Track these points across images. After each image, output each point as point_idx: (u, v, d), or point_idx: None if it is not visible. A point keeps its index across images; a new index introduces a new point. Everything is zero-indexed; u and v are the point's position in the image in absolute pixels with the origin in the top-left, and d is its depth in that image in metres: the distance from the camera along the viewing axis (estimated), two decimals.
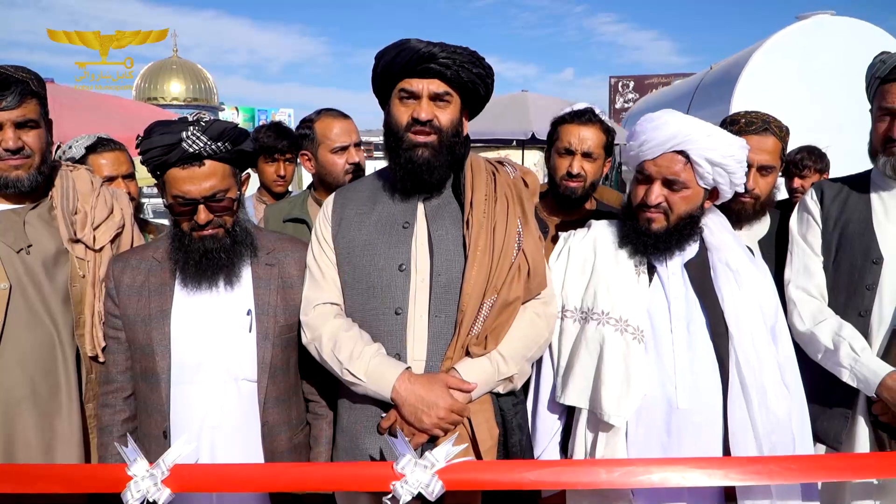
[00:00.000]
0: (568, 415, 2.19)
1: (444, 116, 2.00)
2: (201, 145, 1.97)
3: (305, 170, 3.07)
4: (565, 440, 2.20)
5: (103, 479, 1.94)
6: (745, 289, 2.05)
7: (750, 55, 8.44)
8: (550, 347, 2.17)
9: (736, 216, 2.52)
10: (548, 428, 2.19)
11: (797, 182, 4.02)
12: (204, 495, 2.04)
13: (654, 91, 17.50)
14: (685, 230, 2.08)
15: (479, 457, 1.92)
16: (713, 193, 2.13)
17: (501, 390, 1.99)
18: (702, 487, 1.97)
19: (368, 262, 2.02)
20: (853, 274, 2.30)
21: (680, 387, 1.99)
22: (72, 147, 3.02)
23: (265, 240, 2.20)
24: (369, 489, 1.87)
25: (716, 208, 2.22)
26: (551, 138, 2.78)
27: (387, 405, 1.94)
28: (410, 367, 1.93)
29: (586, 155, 2.65)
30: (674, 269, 2.10)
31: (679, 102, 9.85)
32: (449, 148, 2.01)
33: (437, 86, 1.98)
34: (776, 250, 2.58)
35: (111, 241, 2.30)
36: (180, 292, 2.09)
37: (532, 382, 2.20)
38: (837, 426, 2.29)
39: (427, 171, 1.99)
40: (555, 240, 2.40)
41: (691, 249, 2.12)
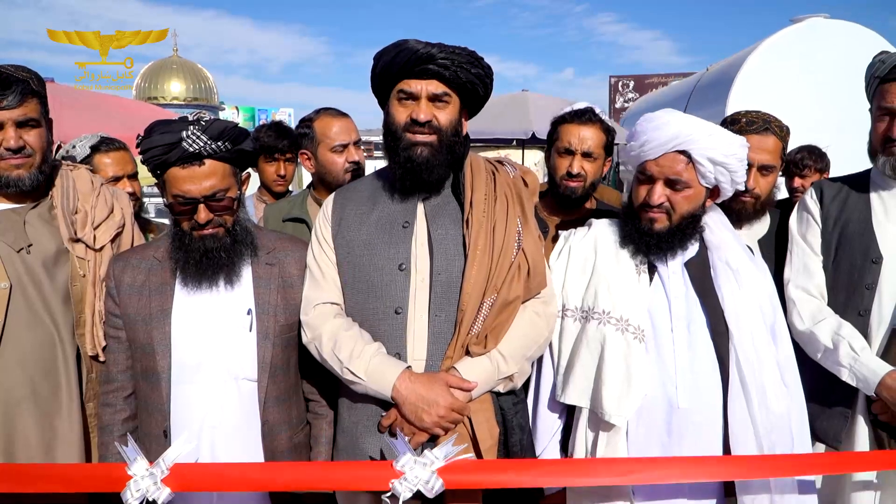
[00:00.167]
0: (568, 414, 2.19)
1: (443, 117, 2.00)
2: (201, 144, 1.97)
3: (305, 169, 3.06)
4: (566, 439, 2.20)
5: (103, 479, 1.95)
6: (745, 288, 2.05)
7: (745, 57, 8.50)
8: (551, 347, 2.17)
9: (736, 215, 2.53)
10: (548, 427, 2.19)
11: (797, 181, 4.02)
12: (204, 494, 2.04)
13: (652, 92, 17.52)
14: (687, 229, 2.08)
15: (480, 456, 1.92)
16: (714, 192, 2.13)
17: (502, 389, 1.99)
18: (701, 484, 1.98)
19: (368, 262, 2.02)
20: (853, 273, 2.30)
21: (680, 386, 1.99)
22: (76, 147, 3.02)
23: (265, 239, 2.20)
24: (369, 488, 1.87)
25: (716, 206, 2.22)
26: (551, 138, 2.78)
27: (387, 404, 1.94)
28: (411, 367, 1.93)
29: (586, 155, 2.65)
30: (674, 269, 2.10)
31: (676, 103, 9.86)
32: (448, 148, 2.01)
33: (436, 86, 1.98)
34: (776, 250, 2.58)
35: (111, 241, 2.30)
36: (181, 291, 2.09)
37: (532, 382, 2.20)
38: (837, 425, 2.29)
39: (426, 170, 1.99)
40: (555, 239, 2.39)
41: (692, 248, 2.13)
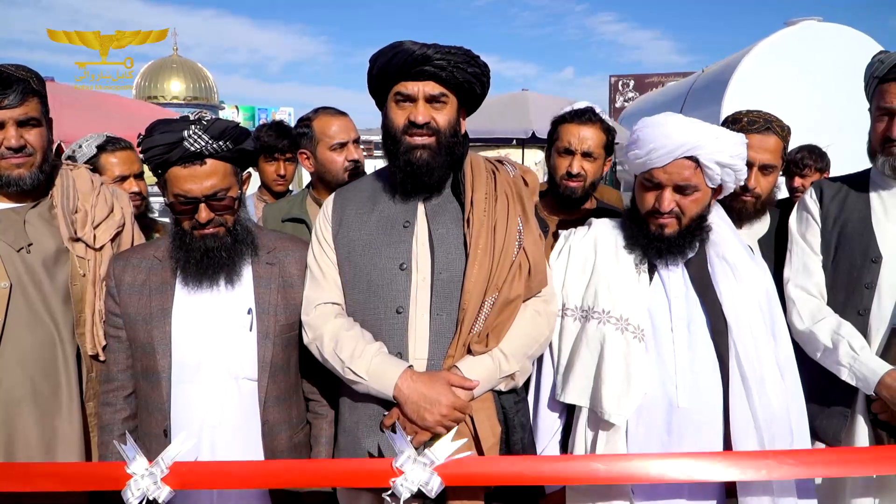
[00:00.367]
0: (568, 413, 2.18)
1: (441, 118, 1.99)
2: (202, 144, 1.98)
3: (304, 168, 3.06)
4: (566, 439, 2.20)
5: (103, 478, 1.95)
6: (743, 283, 2.05)
7: (740, 59, 8.58)
8: (551, 346, 2.17)
9: (737, 215, 2.53)
10: (548, 426, 2.19)
11: (797, 181, 4.03)
12: (204, 493, 2.04)
13: (649, 92, 17.57)
14: (696, 231, 2.09)
15: (482, 455, 1.91)
16: (717, 189, 2.14)
17: (503, 388, 1.99)
18: (702, 484, 1.98)
19: (369, 262, 2.02)
20: (852, 273, 2.31)
21: (680, 386, 1.99)
22: (82, 146, 3.01)
23: (266, 239, 2.20)
24: (368, 485, 1.87)
25: (716, 202, 2.22)
26: (551, 138, 2.78)
27: (389, 404, 1.93)
28: (412, 366, 1.93)
29: (586, 154, 2.65)
30: (674, 268, 2.10)
31: (673, 104, 9.97)
32: (448, 149, 2.01)
33: (433, 87, 1.97)
34: (776, 249, 2.58)
35: (111, 240, 2.30)
36: (181, 291, 2.09)
37: (532, 381, 2.20)
38: (836, 425, 2.29)
39: (427, 173, 1.99)
40: (555, 238, 2.40)
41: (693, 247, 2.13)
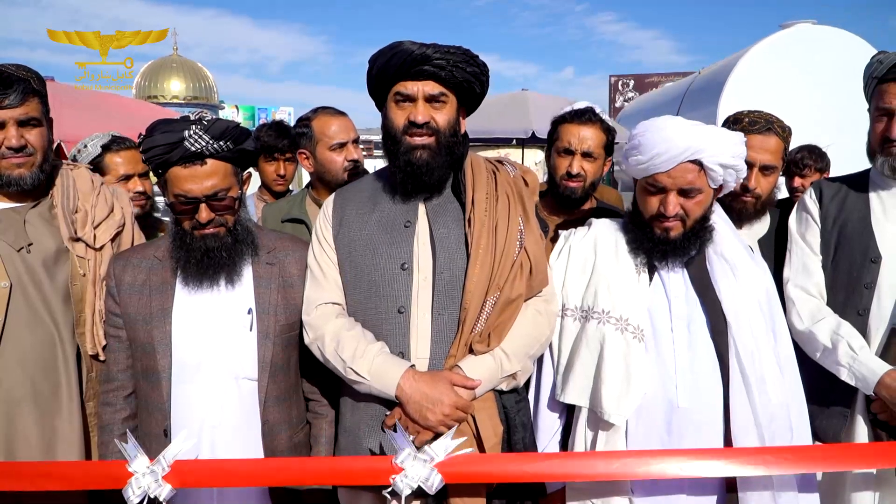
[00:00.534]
0: (568, 413, 2.19)
1: (441, 117, 2.00)
2: (203, 144, 1.98)
3: (304, 168, 3.06)
4: (566, 439, 2.20)
5: (103, 477, 1.95)
6: (742, 280, 2.06)
7: (736, 61, 8.67)
8: (550, 346, 2.17)
9: (737, 215, 2.53)
10: (548, 426, 2.19)
11: (797, 181, 4.03)
12: (205, 491, 2.05)
13: (647, 93, 17.61)
14: (700, 231, 2.09)
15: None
16: (718, 189, 2.14)
17: (505, 387, 2.00)
18: (702, 480, 1.98)
19: (370, 262, 2.02)
20: (852, 273, 2.31)
21: (680, 386, 1.99)
22: (87, 146, 3.01)
23: (266, 239, 2.20)
24: (369, 483, 1.87)
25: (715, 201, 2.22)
26: (551, 138, 2.78)
27: (390, 404, 1.94)
28: (414, 365, 1.93)
29: (586, 155, 2.65)
30: (674, 268, 2.10)
31: (670, 105, 10.04)
32: (448, 148, 2.01)
33: (432, 87, 1.98)
34: (776, 249, 2.58)
35: (112, 240, 2.31)
36: (181, 291, 2.09)
37: (533, 381, 2.20)
38: (836, 425, 2.30)
39: (427, 173, 1.99)
40: (555, 239, 2.39)
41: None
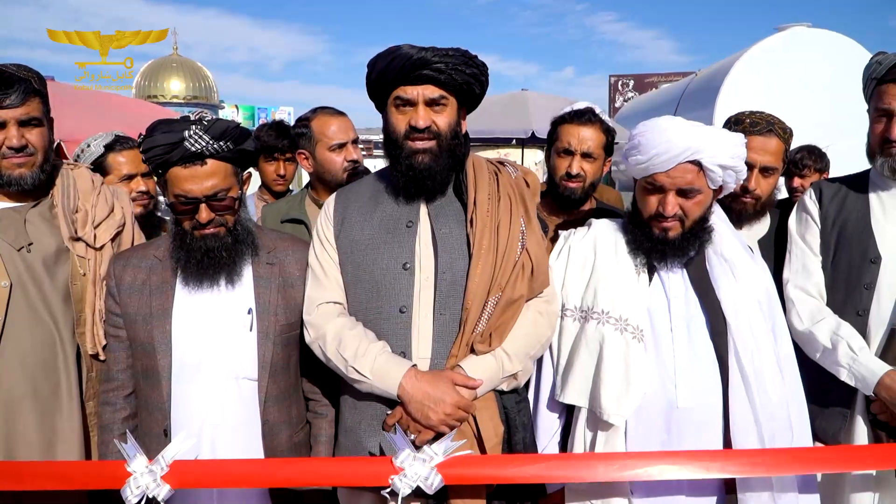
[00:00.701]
0: (568, 414, 2.19)
1: (442, 120, 1.99)
2: (203, 144, 1.98)
3: (303, 169, 3.06)
4: (565, 439, 2.20)
5: (102, 476, 1.95)
6: (742, 280, 2.06)
7: (732, 63, 8.77)
8: (550, 346, 2.17)
9: (736, 216, 2.53)
10: (548, 427, 2.19)
11: (797, 181, 4.03)
12: (204, 491, 2.05)
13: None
14: (699, 232, 2.09)
15: (484, 454, 1.92)
16: (718, 189, 2.14)
17: (505, 388, 2.00)
18: (701, 481, 1.98)
19: (372, 262, 2.02)
20: (851, 273, 2.31)
21: (680, 386, 1.99)
22: (90, 146, 3.01)
23: (266, 239, 2.20)
24: (368, 483, 1.87)
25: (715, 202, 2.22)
26: (551, 138, 2.78)
27: (392, 404, 1.94)
28: (416, 365, 1.93)
29: (586, 155, 2.65)
30: (674, 269, 2.10)
31: (667, 106, 10.11)
32: (449, 151, 2.01)
33: (432, 91, 1.97)
34: (776, 250, 2.58)
35: (112, 240, 2.31)
36: (181, 291, 2.10)
37: (532, 381, 2.20)
38: (836, 425, 2.30)
39: (429, 177, 1.99)
40: (554, 239, 2.39)
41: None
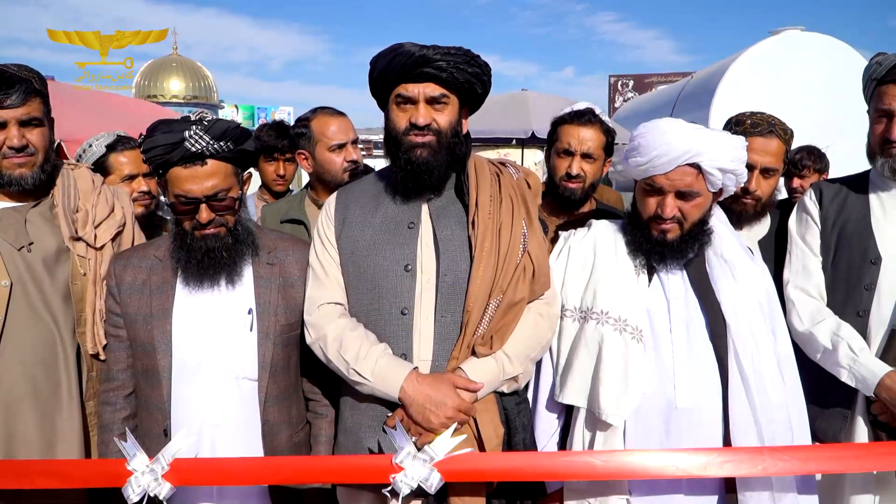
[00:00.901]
0: (567, 414, 2.19)
1: (443, 118, 1.99)
2: (204, 144, 1.98)
3: (303, 169, 3.06)
4: (564, 440, 2.20)
5: (103, 475, 1.96)
6: (741, 281, 2.06)
7: (727, 66, 8.87)
8: (550, 347, 2.17)
9: (737, 217, 2.53)
10: (547, 427, 2.19)
11: (796, 182, 4.04)
12: (205, 490, 2.05)
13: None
14: (698, 234, 2.09)
15: None
16: (718, 192, 2.14)
17: (506, 390, 2.00)
18: (701, 480, 1.98)
19: (373, 263, 2.02)
20: (851, 274, 2.31)
21: (679, 386, 1.99)
22: (92, 146, 3.01)
23: (266, 239, 2.20)
24: (368, 481, 1.87)
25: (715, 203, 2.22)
26: (551, 138, 2.78)
27: (392, 405, 1.93)
28: (417, 367, 1.93)
29: (586, 156, 2.65)
30: (673, 270, 2.10)
31: (663, 108, 10.18)
32: (448, 149, 2.01)
33: (434, 89, 1.97)
34: (776, 250, 2.58)
35: (112, 240, 2.31)
36: (182, 291, 2.10)
37: (531, 382, 2.20)
38: (836, 426, 2.30)
39: (427, 172, 1.99)
40: (554, 240, 2.39)
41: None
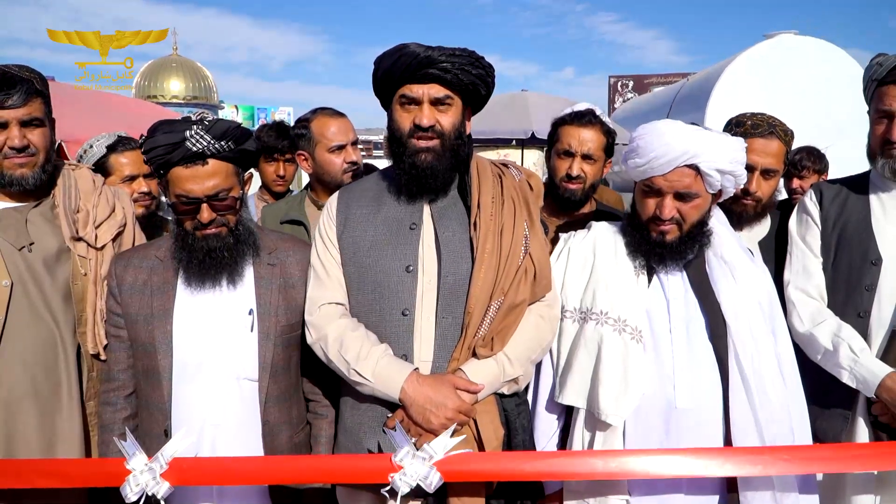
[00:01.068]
0: (567, 415, 2.19)
1: (446, 120, 1.99)
2: (205, 144, 1.98)
3: (303, 170, 3.06)
4: (564, 441, 2.20)
5: (102, 474, 1.95)
6: (741, 282, 2.06)
7: (722, 69, 8.93)
8: (549, 348, 2.17)
9: (737, 218, 2.53)
10: (546, 428, 2.19)
11: (796, 182, 4.03)
12: (204, 489, 2.05)
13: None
14: (697, 236, 2.09)
15: None
16: (717, 194, 2.14)
17: (506, 391, 2.00)
18: (701, 480, 1.98)
19: (375, 263, 2.02)
20: (852, 275, 2.31)
21: (679, 387, 1.99)
22: (93, 146, 3.01)
23: (267, 239, 2.20)
24: (367, 481, 1.87)
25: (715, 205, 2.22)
26: (551, 139, 2.78)
27: (393, 406, 1.93)
28: (418, 368, 1.93)
29: (586, 157, 2.65)
30: (673, 271, 2.10)
31: (660, 110, 10.21)
32: (452, 151, 2.01)
33: (438, 90, 1.97)
34: (776, 251, 2.59)
35: (113, 240, 2.31)
36: (183, 291, 2.10)
37: (531, 383, 2.20)
38: (837, 427, 2.30)
39: (431, 176, 1.99)
40: (555, 241, 2.39)
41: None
